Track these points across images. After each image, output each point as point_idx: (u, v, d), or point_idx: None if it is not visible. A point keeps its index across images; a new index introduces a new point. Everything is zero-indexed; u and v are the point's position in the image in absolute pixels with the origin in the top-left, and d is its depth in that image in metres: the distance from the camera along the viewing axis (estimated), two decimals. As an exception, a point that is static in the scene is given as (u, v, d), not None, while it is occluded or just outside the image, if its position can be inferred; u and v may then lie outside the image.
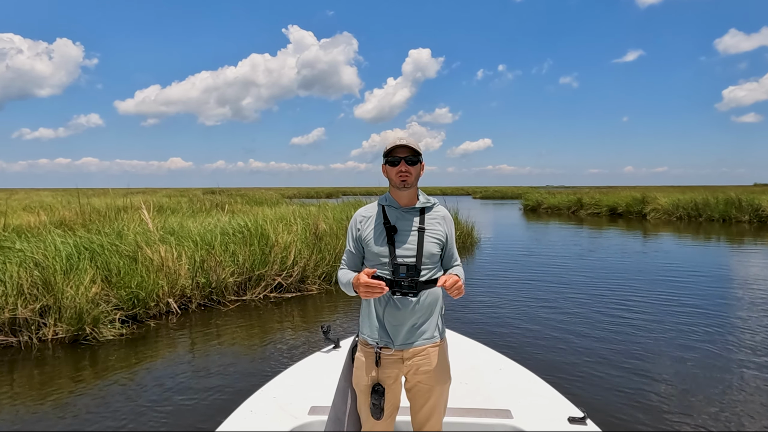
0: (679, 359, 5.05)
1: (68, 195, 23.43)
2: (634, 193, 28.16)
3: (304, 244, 8.54)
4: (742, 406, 4.01)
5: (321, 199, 33.38)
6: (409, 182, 2.00)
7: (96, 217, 11.17)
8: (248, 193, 29.49)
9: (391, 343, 1.99)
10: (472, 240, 14.88)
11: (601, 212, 27.57)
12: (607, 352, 5.28)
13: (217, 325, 6.42)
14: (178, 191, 40.53)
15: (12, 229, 8.88)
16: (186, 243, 7.69)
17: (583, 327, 6.16)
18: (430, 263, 2.01)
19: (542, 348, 5.48)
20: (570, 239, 16.41)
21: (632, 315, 6.68)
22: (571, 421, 2.38)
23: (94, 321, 5.55)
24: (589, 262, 11.42)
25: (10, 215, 13.79)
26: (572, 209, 30.13)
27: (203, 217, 11.45)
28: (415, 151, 1.98)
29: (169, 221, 10.42)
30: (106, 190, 44.87)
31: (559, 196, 33.53)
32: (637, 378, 4.58)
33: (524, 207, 34.63)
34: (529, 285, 8.83)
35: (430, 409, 2.06)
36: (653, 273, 9.97)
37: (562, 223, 22.97)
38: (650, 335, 5.84)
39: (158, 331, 6.07)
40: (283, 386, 2.85)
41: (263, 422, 2.43)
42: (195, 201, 20.64)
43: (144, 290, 6.35)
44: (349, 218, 7.40)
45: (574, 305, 7.25)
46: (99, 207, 13.20)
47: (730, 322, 6.32)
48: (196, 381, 4.59)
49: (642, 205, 25.69)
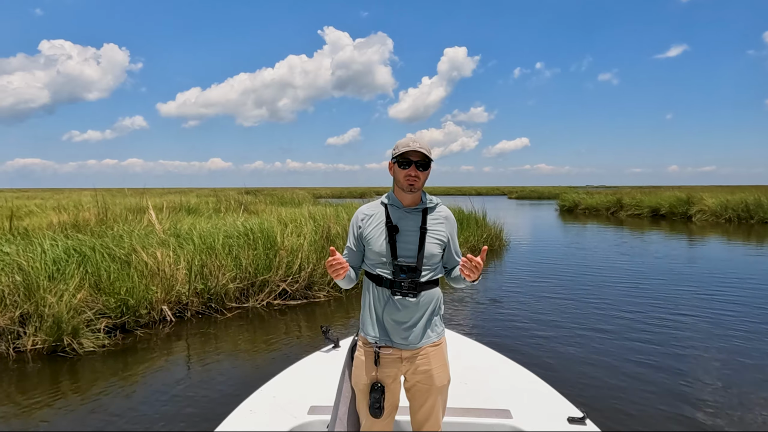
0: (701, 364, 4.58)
1: (109, 195, 23.75)
2: (678, 194, 26.32)
3: (313, 247, 8.02)
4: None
5: (355, 198, 33.05)
6: (416, 187, 1.97)
7: (112, 217, 10.99)
8: (278, 193, 29.34)
9: (390, 342, 2.00)
10: (501, 243, 14.07)
11: (643, 213, 26.03)
12: (648, 371, 4.55)
13: (212, 335, 5.95)
14: (213, 191, 40.87)
15: (19, 230, 8.69)
16: (187, 246, 7.28)
17: (614, 339, 5.42)
18: (431, 264, 2.01)
19: (554, 353, 5.15)
20: (606, 242, 15.29)
21: (678, 323, 5.91)
22: (570, 421, 2.37)
23: (74, 331, 5.15)
24: (622, 266, 10.48)
25: (36, 215, 13.92)
26: (611, 210, 28.65)
27: (220, 218, 11.11)
28: (427, 156, 1.95)
29: (182, 222, 10.12)
30: (144, 189, 45.98)
31: (598, 196, 32.00)
32: (668, 391, 4.06)
33: (560, 208, 33.21)
34: (555, 290, 8.06)
35: (429, 409, 2.05)
36: (689, 277, 9.06)
37: (600, 225, 21.73)
38: (696, 344, 5.36)
39: (146, 342, 5.63)
40: (283, 386, 2.83)
41: (263, 422, 2.41)
42: (222, 201, 20.54)
43: (134, 297, 5.94)
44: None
45: (606, 315, 6.47)
46: (119, 208, 13.06)
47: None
48: (175, 405, 4.08)
49: (687, 206, 24.03)
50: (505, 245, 14.17)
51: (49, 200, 22.19)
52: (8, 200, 23.86)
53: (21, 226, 10.02)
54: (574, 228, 21.09)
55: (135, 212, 12.02)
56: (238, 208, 17.03)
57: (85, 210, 13.55)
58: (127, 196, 22.44)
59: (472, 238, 12.73)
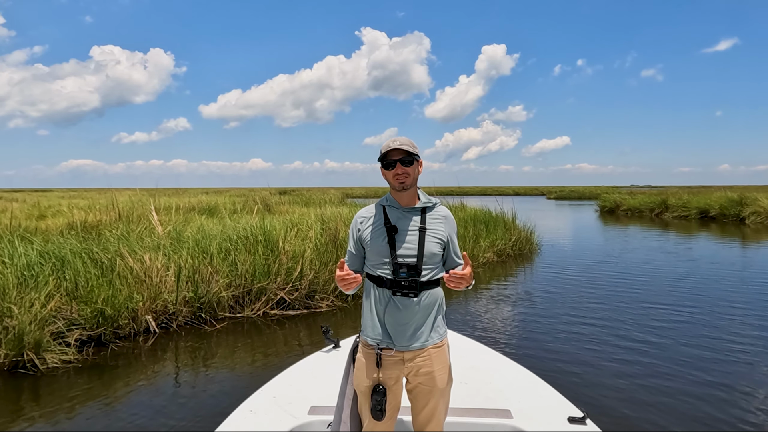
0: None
1: (150, 195, 23.88)
2: (729, 194, 24.37)
3: (316, 252, 7.40)
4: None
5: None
6: (407, 183, 1.98)
7: (129, 218, 10.71)
8: (308, 194, 29.00)
9: (392, 344, 1.98)
10: (531, 247, 13.12)
11: (690, 215, 24.30)
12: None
13: (198, 349, 5.42)
14: (249, 191, 41.00)
15: (28, 230, 8.45)
16: (180, 250, 6.79)
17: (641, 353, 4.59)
18: (431, 263, 1.99)
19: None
20: (648, 246, 14.05)
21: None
22: (570, 421, 2.35)
23: (36, 345, 4.69)
24: (661, 271, 9.43)
25: (62, 215, 13.89)
26: (655, 211, 26.96)
27: (233, 220, 10.66)
28: (410, 151, 1.95)
29: (192, 224, 9.72)
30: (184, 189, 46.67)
31: (641, 196, 30.22)
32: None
33: (600, 209, 31.60)
34: (574, 293, 7.21)
35: (431, 411, 2.03)
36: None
37: (643, 228, 20.31)
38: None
39: (120, 358, 5.12)
40: (283, 386, 2.80)
41: (263, 422, 2.39)
42: (249, 201, 20.25)
43: (113, 305, 5.47)
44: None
45: (639, 331, 5.60)
46: (144, 208, 12.79)
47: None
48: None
49: (739, 207, 22.21)
50: (536, 249, 13.22)
51: (88, 200, 22.42)
52: (50, 200, 24.49)
53: (32, 227, 9.87)
54: (612, 231, 19.75)
55: (158, 213, 11.72)
56: (261, 208, 16.71)
57: (108, 210, 13.44)
58: (162, 196, 22.58)
59: (499, 242, 11.88)
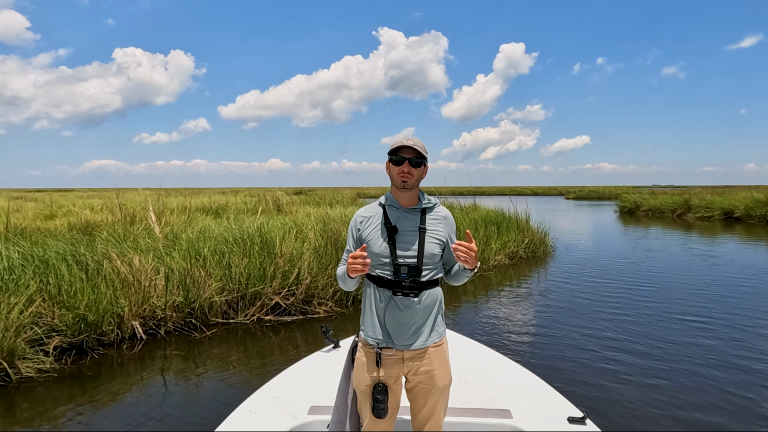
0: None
1: (167, 194, 23.81)
2: (755, 194, 23.45)
3: (315, 255, 7.08)
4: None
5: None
6: (409, 184, 1.97)
7: (131, 218, 10.55)
8: (322, 193, 28.77)
9: (392, 343, 1.97)
10: (546, 249, 12.65)
11: (714, 216, 23.44)
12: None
13: (187, 358, 5.15)
14: (265, 190, 41.01)
15: (19, 231, 8.31)
16: (172, 253, 6.54)
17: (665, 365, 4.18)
18: (431, 263, 1.99)
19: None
20: (667, 247, 13.47)
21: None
22: (570, 421, 2.34)
23: (10, 353, 4.46)
24: (677, 276, 8.90)
25: (72, 215, 13.83)
26: (677, 212, 26.10)
27: (239, 221, 10.43)
28: (421, 153, 1.95)
29: (195, 224, 9.51)
30: (201, 189, 46.50)
31: (662, 197, 29.30)
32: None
33: (620, 209, 30.75)
34: (594, 303, 6.75)
35: (431, 410, 2.03)
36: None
37: (664, 229, 19.60)
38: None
39: (103, 366, 4.87)
40: (283, 386, 2.78)
41: (263, 422, 2.38)
42: (261, 201, 20.07)
43: (96, 310, 5.22)
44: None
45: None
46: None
47: None
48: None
49: (766, 207, 21.36)
50: (550, 251, 12.74)
51: (105, 200, 22.43)
52: (68, 199, 24.63)
53: (34, 227, 9.76)
54: (630, 232, 19.08)
55: (166, 213, 11.55)
56: (271, 208, 16.47)
57: (114, 211, 13.31)
58: (179, 195, 22.53)
59: (511, 244, 11.44)
